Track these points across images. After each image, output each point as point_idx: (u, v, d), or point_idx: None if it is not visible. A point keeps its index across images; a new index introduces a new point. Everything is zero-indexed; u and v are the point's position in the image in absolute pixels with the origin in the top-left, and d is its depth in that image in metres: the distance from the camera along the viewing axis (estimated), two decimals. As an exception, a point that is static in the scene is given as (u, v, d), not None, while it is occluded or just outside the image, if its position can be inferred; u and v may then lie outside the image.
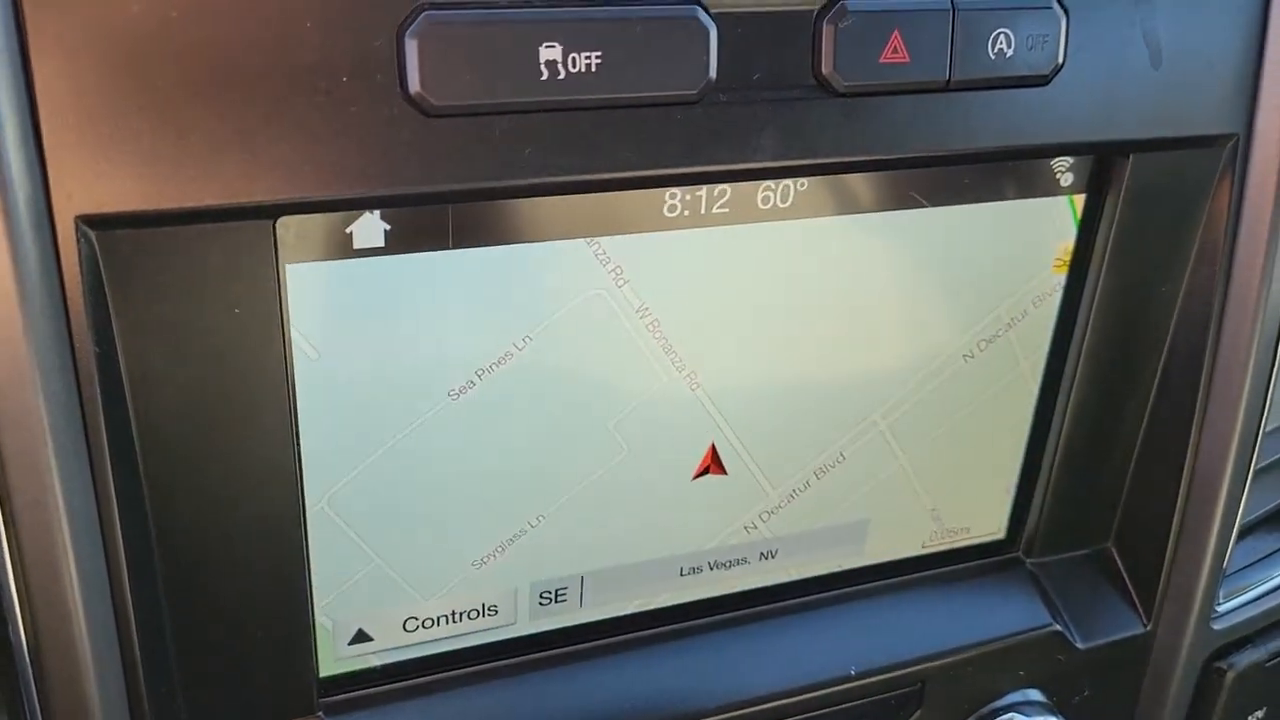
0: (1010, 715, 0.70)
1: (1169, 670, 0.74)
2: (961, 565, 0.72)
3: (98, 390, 0.46)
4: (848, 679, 0.65)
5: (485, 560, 0.60)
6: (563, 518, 0.60)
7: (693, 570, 0.65)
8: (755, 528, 0.65)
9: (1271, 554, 0.78)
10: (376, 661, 0.60)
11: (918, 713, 0.68)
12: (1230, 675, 0.75)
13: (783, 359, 0.61)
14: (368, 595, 0.58)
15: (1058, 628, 0.70)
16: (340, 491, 0.55)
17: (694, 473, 0.62)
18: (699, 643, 0.65)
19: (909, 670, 0.66)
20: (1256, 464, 0.72)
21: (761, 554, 0.66)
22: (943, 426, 0.67)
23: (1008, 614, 0.70)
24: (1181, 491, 0.71)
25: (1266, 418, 0.71)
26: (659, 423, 0.59)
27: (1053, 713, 0.71)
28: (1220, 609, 0.74)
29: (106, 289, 0.45)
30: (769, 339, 0.60)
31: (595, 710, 0.61)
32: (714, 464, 0.62)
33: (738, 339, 0.59)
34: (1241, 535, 0.76)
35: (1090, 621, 0.72)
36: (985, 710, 0.70)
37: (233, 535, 0.52)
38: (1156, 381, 0.70)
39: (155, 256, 0.46)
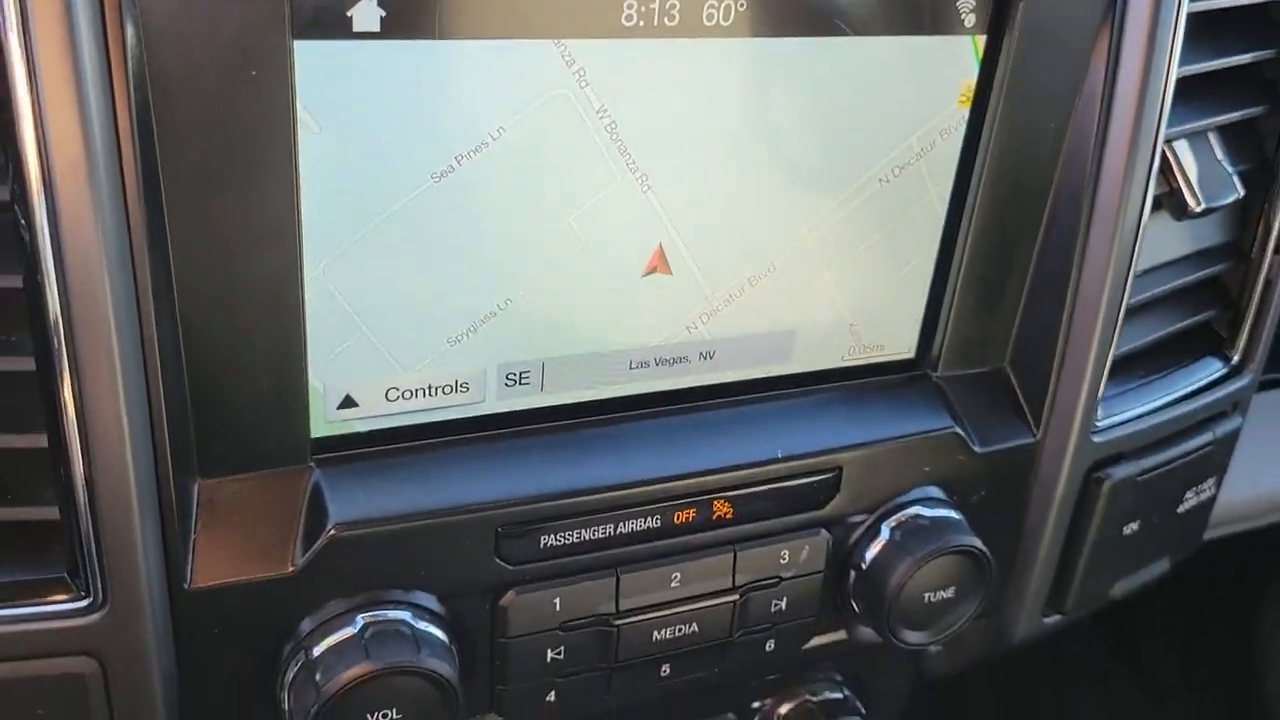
0: (915, 508, 0.80)
1: (1054, 476, 0.84)
2: (876, 379, 0.81)
3: (135, 136, 0.53)
4: (775, 461, 0.74)
5: (459, 339, 0.68)
6: (527, 303, 0.68)
7: (641, 365, 0.74)
8: (696, 328, 0.74)
9: (1149, 383, 0.89)
10: (361, 427, 0.68)
11: (837, 497, 0.77)
12: (1107, 485, 0.86)
13: (724, 170, 0.69)
14: (355, 363, 0.66)
15: (959, 431, 0.80)
16: (335, 261, 0.63)
17: (643, 271, 0.70)
18: (646, 427, 0.74)
19: (828, 457, 0.76)
20: (1130, 300, 0.83)
21: (701, 354, 0.75)
22: (861, 246, 0.76)
23: (916, 418, 0.80)
24: (1064, 319, 0.81)
25: (1137, 257, 0.81)
26: (614, 220, 0.68)
27: (952, 508, 0.81)
28: (1100, 424, 0.85)
29: (144, 48, 0.52)
30: (712, 150, 0.68)
31: (553, 476, 0.70)
32: (661, 263, 0.71)
33: (685, 147, 0.68)
34: (1124, 362, 0.87)
35: (987, 429, 0.82)
36: (892, 504, 0.80)
37: (241, 290, 0.60)
38: (1046, 216, 0.80)
39: (185, 19, 0.53)
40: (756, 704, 0.94)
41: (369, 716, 0.65)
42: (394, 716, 0.66)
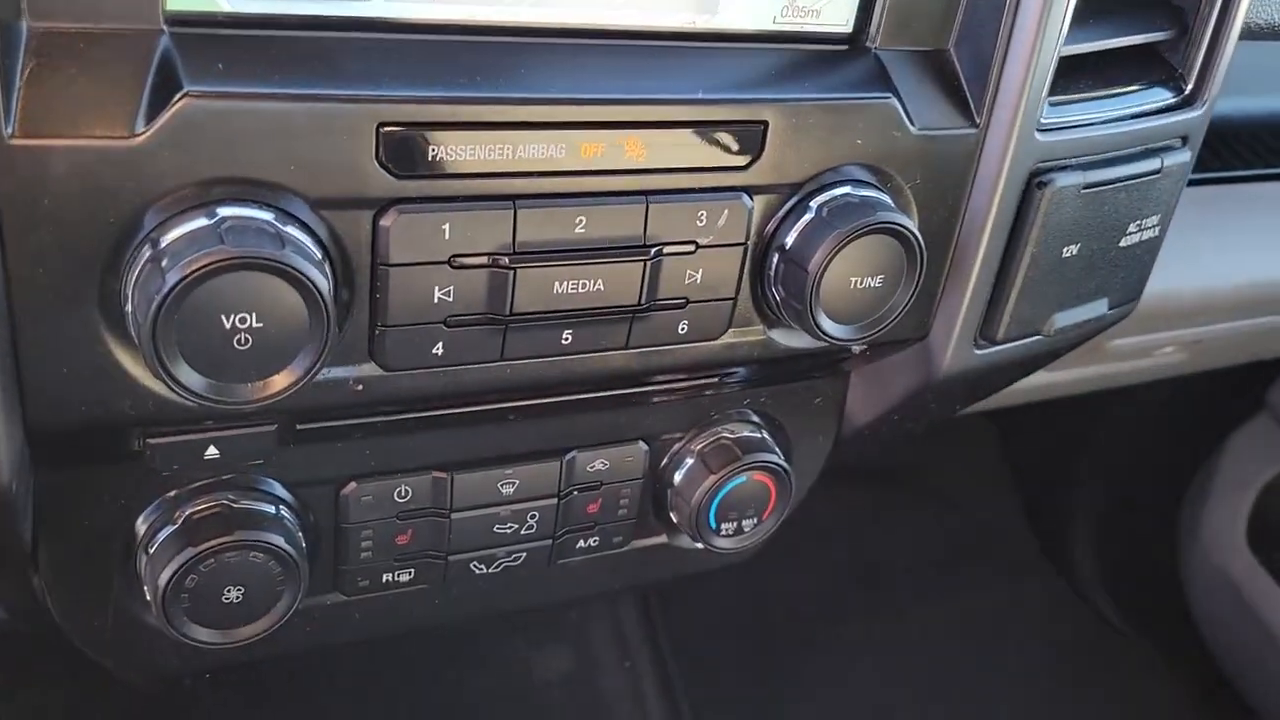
0: (845, 188, 0.74)
1: (994, 175, 0.78)
2: (812, 47, 0.75)
3: None
4: (695, 102, 0.68)
5: (341, -91, 0.60)
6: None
7: (552, -16, 0.66)
8: (614, -51, 0.67)
9: (1098, 97, 0.84)
10: (225, 5, 0.60)
11: (761, 158, 0.71)
12: (1048, 190, 0.80)
13: None
14: (218, -80, 0.58)
15: (894, 103, 0.73)
16: None
17: None
18: (557, 51, 0.67)
19: (753, 109, 0.69)
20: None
21: (619, -17, 0.68)
22: (799, -120, 0.69)
23: (850, 85, 0.73)
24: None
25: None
26: None
27: (881, 191, 0.75)
28: (1044, 123, 0.79)
29: None
30: None
31: (447, 80, 0.62)
32: None
33: None
34: (1073, 70, 0.81)
35: (925, 110, 0.75)
36: (820, 183, 0.73)
37: None
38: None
39: None
40: (668, 436, 0.88)
41: (224, 319, 0.58)
42: (254, 324, 0.58)
